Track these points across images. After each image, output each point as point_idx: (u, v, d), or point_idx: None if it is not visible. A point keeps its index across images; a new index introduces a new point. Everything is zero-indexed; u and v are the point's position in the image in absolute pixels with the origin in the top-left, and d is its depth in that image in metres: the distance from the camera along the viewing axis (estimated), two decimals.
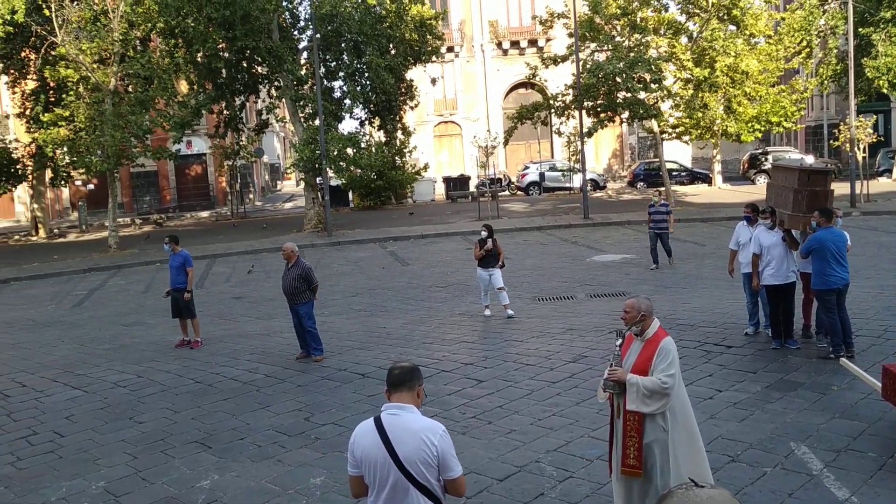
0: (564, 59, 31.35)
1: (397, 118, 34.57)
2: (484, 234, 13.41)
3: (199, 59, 29.27)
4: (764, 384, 8.77)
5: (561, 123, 32.58)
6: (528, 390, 9.14)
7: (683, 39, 31.89)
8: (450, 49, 47.44)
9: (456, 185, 41.13)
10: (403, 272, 20.05)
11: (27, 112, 32.59)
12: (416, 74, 37.03)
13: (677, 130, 32.95)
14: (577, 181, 38.25)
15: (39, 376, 11.23)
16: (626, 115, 31.54)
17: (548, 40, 46.38)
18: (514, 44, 49.92)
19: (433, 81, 37.45)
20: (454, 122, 52.35)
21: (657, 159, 37.54)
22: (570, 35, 30.98)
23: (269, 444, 8.01)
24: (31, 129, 32.01)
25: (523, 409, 8.52)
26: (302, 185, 32.79)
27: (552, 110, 32.12)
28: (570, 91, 30.89)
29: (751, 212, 11.16)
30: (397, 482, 3.68)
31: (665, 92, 29.93)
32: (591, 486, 6.51)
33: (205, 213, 45.85)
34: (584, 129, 29.78)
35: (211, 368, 11.11)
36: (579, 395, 8.81)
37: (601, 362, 9.89)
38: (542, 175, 41.14)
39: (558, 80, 38.42)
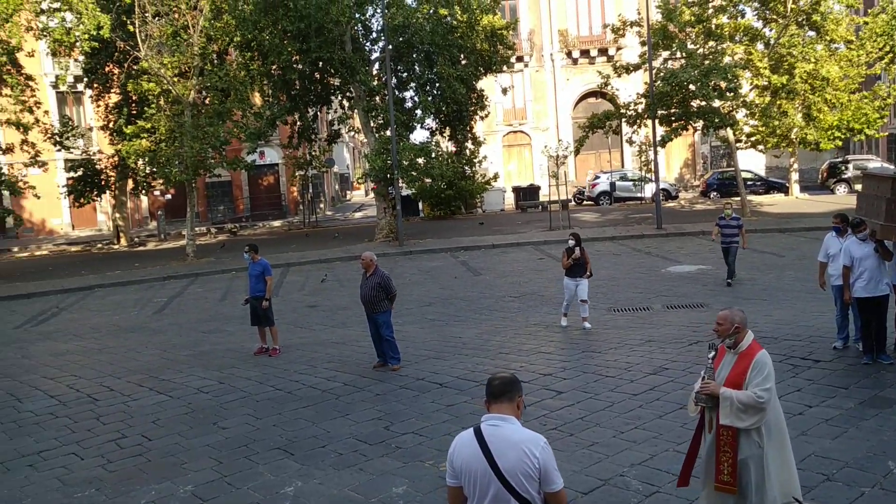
0: (637, 67, 30.99)
1: (468, 128, 34.68)
2: (571, 242, 13.24)
3: (273, 72, 29.85)
4: (857, 400, 8.48)
5: (633, 132, 32.21)
6: (609, 402, 9.01)
7: (760, 46, 31.23)
8: (519, 59, 47.38)
9: (526, 194, 40.98)
10: (476, 282, 20.03)
11: (110, 125, 33.74)
12: (486, 84, 37.09)
13: (753, 139, 32.26)
14: (648, 191, 37.77)
15: (126, 380, 11.53)
16: (699, 124, 31.02)
17: (618, 49, 45.96)
18: (584, 53, 49.64)
19: (504, 91, 37.37)
20: (523, 132, 52.29)
21: (731, 168, 36.82)
22: (643, 43, 30.63)
23: (350, 452, 8.06)
24: (114, 141, 33.10)
25: (605, 421, 8.40)
26: (372, 194, 33.13)
27: (623, 119, 31.79)
28: (643, 100, 30.52)
29: (840, 222, 10.82)
30: (497, 494, 3.64)
31: (741, 100, 29.33)
32: (678, 501, 6.36)
33: (277, 223, 46.62)
34: (657, 139, 29.40)
35: (290, 376, 11.25)
36: (662, 408, 8.65)
37: (683, 375, 9.73)
38: (612, 185, 40.74)
39: (630, 88, 38.02)
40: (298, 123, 32.43)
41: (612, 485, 6.79)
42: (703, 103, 28.86)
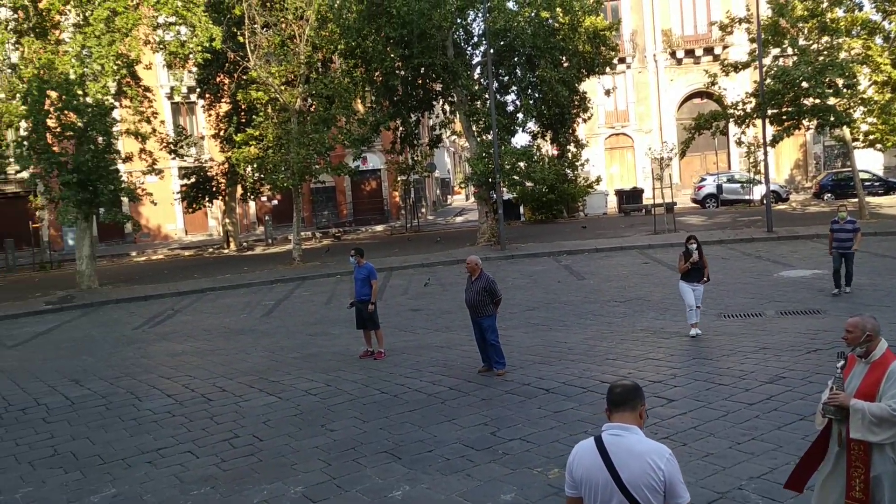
0: (746, 65, 30.01)
1: (570, 131, 34.33)
2: (692, 245, 12.88)
3: (376, 78, 30.28)
4: None
5: (741, 133, 31.22)
6: (723, 412, 8.69)
7: (879, 40, 29.74)
8: (621, 60, 46.61)
9: (629, 198, 40.26)
10: (580, 286, 19.76)
11: (221, 133, 34.93)
12: (588, 86, 36.65)
13: (871, 137, 30.76)
14: (757, 193, 36.55)
15: (237, 381, 11.83)
16: (813, 123, 29.80)
17: (725, 47, 44.74)
18: (689, 52, 48.45)
19: (607, 93, 36.85)
20: (625, 135, 51.46)
21: (846, 169, 35.24)
22: (752, 40, 29.64)
23: (457, 457, 8.02)
24: (225, 149, 34.23)
25: (719, 431, 8.10)
26: (473, 199, 33.15)
27: (732, 119, 30.83)
28: (752, 99, 29.52)
29: None
30: None
31: (859, 97, 28.02)
32: None
33: (379, 227, 47.24)
34: (767, 138, 28.39)
35: (395, 379, 11.32)
36: (780, 419, 8.28)
37: (802, 384, 9.32)
38: (719, 187, 39.60)
39: (737, 88, 36.90)
40: (401, 129, 32.83)
41: (729, 498, 6.53)
42: (818, 101, 27.71)
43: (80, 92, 23.93)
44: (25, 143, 24.41)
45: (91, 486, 7.92)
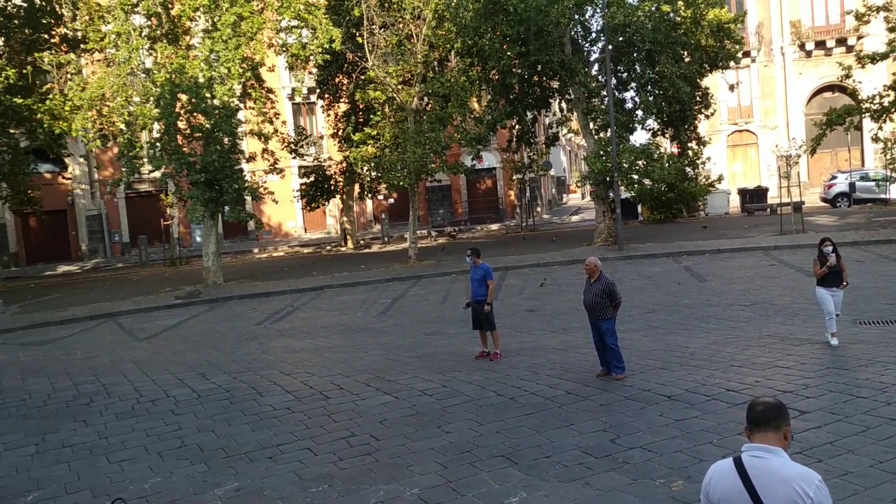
0: (884, 56, 28.37)
1: (691, 128, 33.32)
2: (828, 248, 12.18)
3: (493, 76, 30.20)
4: None
5: (877, 128, 29.54)
6: (863, 427, 8.14)
7: None
8: (745, 54, 44.95)
9: (752, 197, 38.75)
10: (701, 288, 19.09)
11: (339, 132, 35.64)
12: (710, 81, 35.47)
13: None
14: (894, 191, 34.56)
15: (354, 380, 11.94)
16: None
17: (859, 38, 42.54)
18: (819, 44, 46.24)
19: (731, 88, 35.47)
20: (749, 131, 49.66)
21: None
22: (891, 29, 28.02)
23: (575, 464, 7.81)
24: (343, 148, 34.93)
25: (859, 447, 7.59)
26: (589, 198, 32.63)
27: (867, 114, 29.22)
28: (891, 92, 27.89)
29: None
30: None
31: None
32: None
33: (494, 226, 47.17)
34: None
35: (511, 382, 11.17)
36: None
37: None
38: (852, 185, 37.59)
39: (874, 80, 34.95)
40: (517, 127, 32.63)
41: None
42: None
43: (207, 95, 24.82)
44: (158, 144, 25.50)
45: (215, 479, 8.12)
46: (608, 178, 27.81)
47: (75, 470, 8.73)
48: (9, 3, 30.30)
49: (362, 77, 30.85)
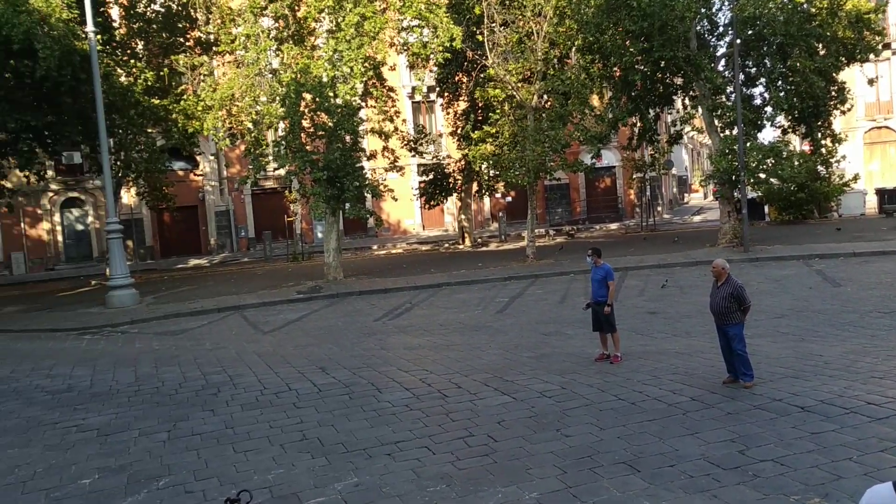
0: None
1: (825, 125, 31.76)
2: None
3: (614, 73, 29.67)
4: None
5: None
6: None
7: None
8: (886, 46, 42.48)
9: (892, 197, 36.66)
10: (835, 294, 18.15)
11: (458, 130, 35.79)
12: (847, 75, 33.73)
13: None
14: None
15: (472, 379, 11.89)
16: None
17: None
18: None
19: (871, 82, 33.62)
20: (889, 128, 47.08)
21: None
22: None
23: (701, 475, 7.50)
24: (462, 146, 35.05)
25: None
26: (711, 197, 31.64)
27: None
28: None
29: None
30: None
31: None
32: None
33: (613, 226, 46.42)
34: None
35: (632, 386, 10.87)
36: None
37: None
38: None
39: None
40: (638, 125, 31.94)
41: None
42: None
43: (330, 94, 25.35)
44: (283, 142, 26.23)
45: (335, 474, 8.21)
46: (734, 178, 26.85)
47: (203, 458, 9.01)
48: (148, 9, 31.86)
49: (482, 75, 30.87)
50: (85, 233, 44.69)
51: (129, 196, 41.23)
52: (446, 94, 36.50)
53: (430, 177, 39.05)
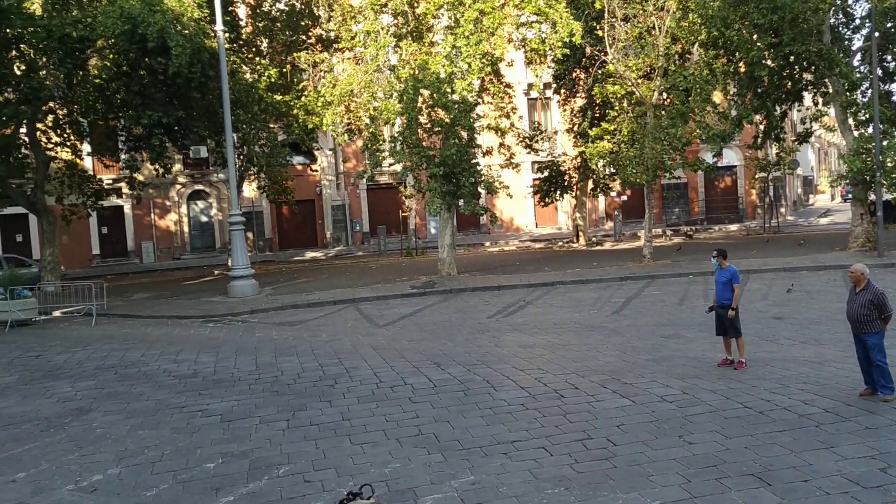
0: None
1: None
2: None
3: (739, 69, 28.62)
4: None
5: None
6: None
7: None
8: None
9: None
10: None
11: (574, 128, 35.30)
12: None
13: None
14: None
15: (588, 380, 11.63)
16: None
17: None
18: None
19: None
20: None
21: None
22: None
23: (838, 492, 7.05)
24: (578, 144, 34.56)
25: None
26: (838, 199, 30.12)
27: None
28: None
29: None
30: None
31: None
32: None
33: (733, 227, 44.93)
34: None
35: (759, 394, 10.37)
36: None
37: None
38: None
39: None
40: (763, 123, 30.70)
41: None
42: None
43: (448, 90, 25.39)
44: (400, 138, 26.45)
45: (451, 471, 8.14)
46: (869, 178, 25.46)
47: (321, 448, 9.11)
48: (273, 8, 32.76)
49: (600, 71, 30.34)
50: (209, 224, 46.41)
51: (250, 189, 42.54)
52: (563, 90, 36.07)
53: (545, 174, 38.69)
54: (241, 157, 31.56)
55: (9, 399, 12.51)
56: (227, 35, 26.41)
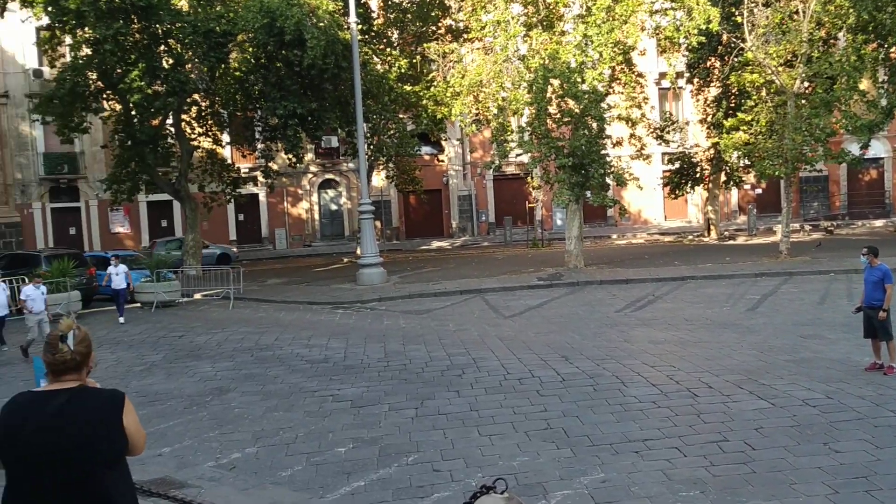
0: None
1: None
2: None
3: (890, 55, 26.94)
4: None
5: None
6: None
7: None
8: None
9: None
10: None
11: (708, 118, 34.17)
12: None
13: None
14: None
15: (723, 379, 11.22)
16: None
17: None
18: None
19: None
20: None
21: None
22: None
23: None
24: (711, 135, 33.44)
25: None
26: None
27: None
28: None
29: None
30: None
31: None
32: None
33: (878, 222, 42.54)
34: None
35: None
36: None
37: None
38: None
39: None
40: None
41: None
42: None
43: (578, 79, 25.01)
44: (528, 128, 26.27)
45: (580, 467, 8.02)
46: None
47: (450, 438, 9.15)
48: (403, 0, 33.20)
49: (737, 59, 29.18)
50: (338, 212, 47.59)
51: (378, 179, 43.31)
52: (697, 79, 34.93)
53: (676, 166, 37.65)
54: (371, 146, 32.14)
55: (155, 376, 13.22)
56: (359, 27, 26.91)
